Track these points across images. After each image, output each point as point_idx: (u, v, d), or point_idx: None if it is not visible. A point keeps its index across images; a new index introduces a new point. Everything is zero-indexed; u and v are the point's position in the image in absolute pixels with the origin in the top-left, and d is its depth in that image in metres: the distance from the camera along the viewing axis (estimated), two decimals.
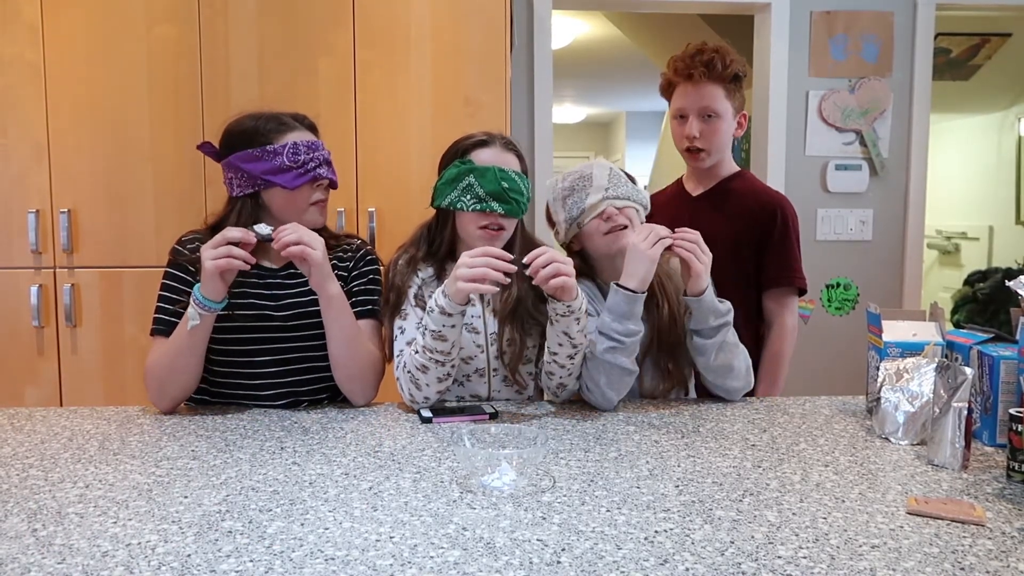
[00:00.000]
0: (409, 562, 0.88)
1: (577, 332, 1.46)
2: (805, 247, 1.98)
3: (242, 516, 1.01)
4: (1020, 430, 1.14)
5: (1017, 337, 1.30)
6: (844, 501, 1.07)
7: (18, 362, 2.42)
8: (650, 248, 1.50)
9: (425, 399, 1.51)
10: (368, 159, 2.46)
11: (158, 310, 1.56)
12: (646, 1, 3.30)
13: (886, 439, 1.36)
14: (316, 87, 2.42)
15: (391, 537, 0.95)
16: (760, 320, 1.91)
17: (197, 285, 1.45)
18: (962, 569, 0.87)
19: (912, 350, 1.45)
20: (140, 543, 0.93)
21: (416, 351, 1.48)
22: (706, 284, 1.54)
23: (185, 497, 1.08)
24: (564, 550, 0.91)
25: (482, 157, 1.55)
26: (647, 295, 1.52)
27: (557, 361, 1.50)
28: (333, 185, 1.63)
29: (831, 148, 3.17)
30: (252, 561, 0.88)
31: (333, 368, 1.56)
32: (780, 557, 0.89)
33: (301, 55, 2.42)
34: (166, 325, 1.53)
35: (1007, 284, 1.31)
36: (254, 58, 2.41)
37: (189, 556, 0.90)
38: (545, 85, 3.04)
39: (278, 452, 1.28)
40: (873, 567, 0.87)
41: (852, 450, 1.30)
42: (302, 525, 0.98)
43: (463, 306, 1.42)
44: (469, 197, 1.52)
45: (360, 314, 1.59)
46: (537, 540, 0.94)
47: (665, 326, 1.61)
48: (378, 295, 1.63)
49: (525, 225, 1.66)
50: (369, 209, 2.45)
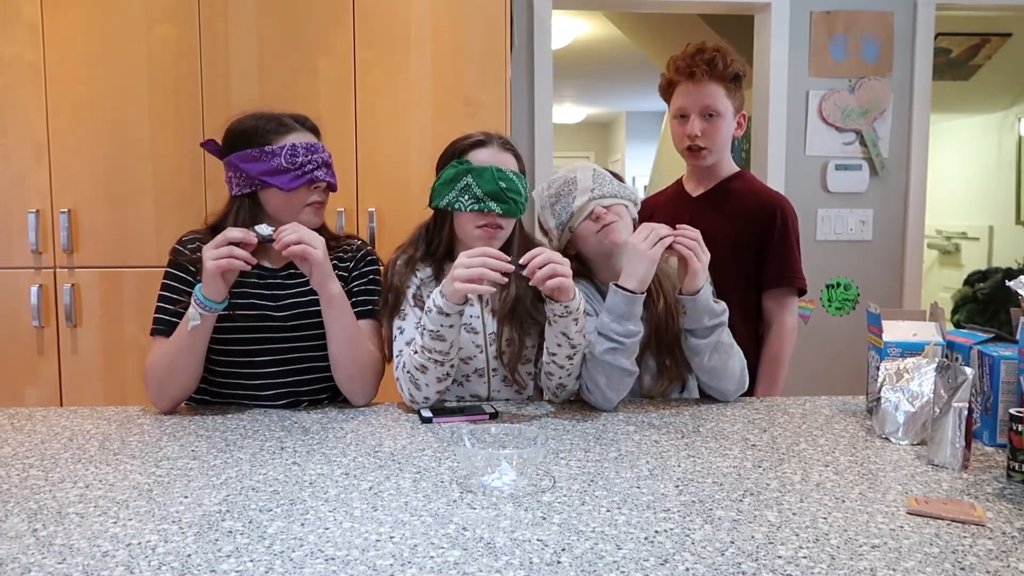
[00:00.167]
0: (409, 562, 0.88)
1: (576, 333, 1.46)
2: (805, 247, 1.98)
3: (242, 516, 1.01)
4: (1020, 430, 1.14)
5: (1017, 337, 1.30)
6: (844, 501, 1.07)
7: (18, 362, 2.42)
8: (650, 249, 1.49)
9: (425, 399, 1.51)
10: (368, 159, 2.46)
11: (158, 310, 1.56)
12: (646, 1, 3.30)
13: (886, 439, 1.36)
14: (316, 87, 2.42)
15: (391, 537, 0.95)
16: (760, 320, 1.91)
17: (198, 286, 1.45)
18: (962, 569, 0.87)
19: (912, 350, 1.45)
20: (140, 543, 0.93)
21: (415, 351, 1.48)
22: (702, 283, 1.53)
23: (185, 497, 1.08)
24: (564, 550, 0.91)
25: (479, 157, 1.55)
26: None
27: (556, 362, 1.50)
28: (332, 188, 1.62)
29: (831, 148, 3.17)
30: (252, 561, 0.88)
31: (333, 368, 1.56)
32: (780, 557, 0.89)
33: (301, 55, 2.42)
34: (166, 325, 1.53)
35: (1007, 284, 1.31)
36: (254, 58, 2.41)
37: (189, 556, 0.90)
38: (545, 85, 3.04)
39: (278, 452, 1.28)
40: (873, 567, 0.87)
41: (852, 450, 1.30)
42: (302, 525, 0.98)
43: (461, 306, 1.42)
44: (467, 197, 1.52)
45: (360, 314, 1.59)
46: (537, 540, 0.94)
47: (662, 322, 1.61)
48: (378, 295, 1.63)
49: (524, 225, 1.66)
50: (369, 209, 2.45)
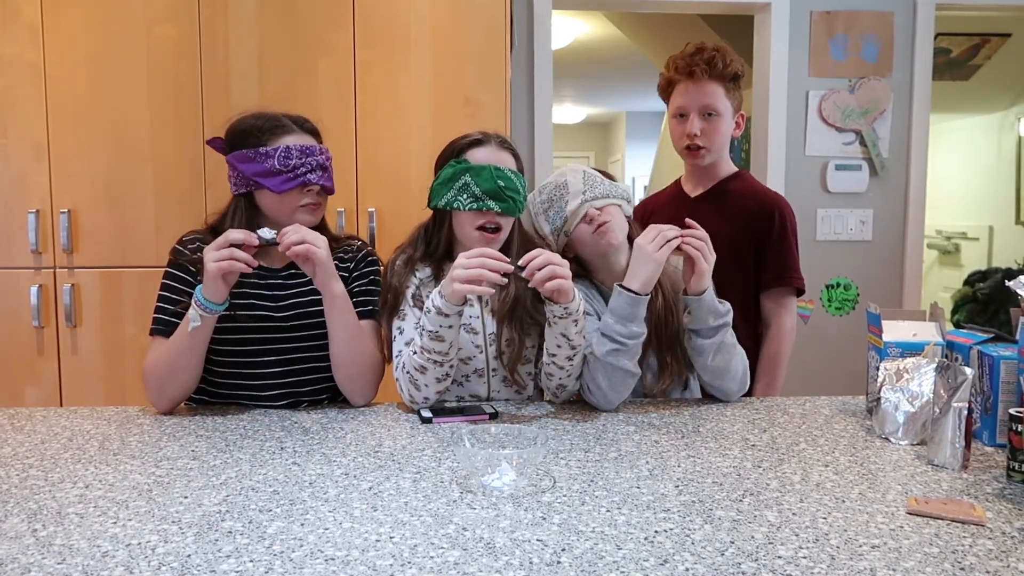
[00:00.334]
0: (409, 562, 0.88)
1: (575, 334, 1.46)
2: (805, 247, 1.98)
3: (242, 516, 1.01)
4: (1020, 430, 1.14)
5: (1017, 337, 1.30)
6: (844, 501, 1.07)
7: (18, 362, 2.42)
8: (657, 251, 1.49)
9: (424, 399, 1.51)
10: (368, 159, 2.46)
11: (158, 310, 1.55)
12: (646, 1, 3.30)
13: (886, 439, 1.36)
14: (316, 87, 2.42)
15: (391, 537, 0.95)
16: (758, 320, 1.91)
17: (199, 287, 1.45)
18: (962, 569, 0.87)
19: (912, 350, 1.45)
20: (140, 543, 0.93)
21: (414, 352, 1.48)
22: (708, 284, 1.54)
23: (185, 497, 1.08)
24: (564, 550, 0.91)
25: (477, 156, 1.55)
26: None
27: (556, 363, 1.50)
28: (327, 191, 1.61)
29: (831, 148, 3.17)
30: (252, 561, 0.88)
31: (334, 368, 1.56)
32: (780, 557, 0.89)
33: (301, 55, 2.42)
34: (166, 325, 1.53)
35: (1007, 284, 1.31)
36: (254, 58, 2.41)
37: (189, 556, 0.90)
38: (545, 85, 3.04)
39: (278, 452, 1.28)
40: (873, 567, 0.87)
41: (852, 450, 1.30)
42: (302, 525, 0.98)
43: (459, 307, 1.42)
44: (465, 196, 1.52)
45: (360, 315, 1.59)
46: (537, 540, 0.94)
47: (661, 318, 1.61)
48: (378, 296, 1.63)
49: (523, 224, 1.66)
50: (369, 209, 2.45)
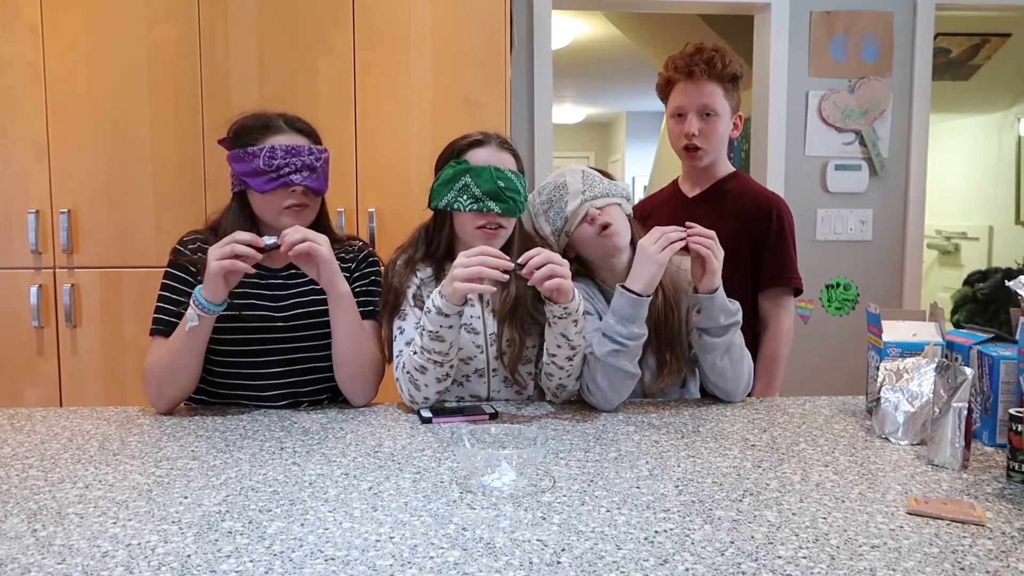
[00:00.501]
0: (409, 562, 0.88)
1: (575, 334, 1.46)
2: (805, 247, 1.99)
3: (242, 516, 1.01)
4: (1020, 430, 1.14)
5: (1017, 337, 1.30)
6: (844, 501, 1.07)
7: (18, 362, 2.42)
8: (659, 252, 1.48)
9: (424, 399, 1.51)
10: (368, 159, 2.46)
11: (158, 310, 1.55)
12: (646, 1, 3.30)
13: (886, 439, 1.36)
14: (316, 87, 2.42)
15: (391, 537, 0.95)
16: (756, 320, 1.91)
17: (198, 287, 1.45)
18: (962, 569, 0.87)
19: (912, 350, 1.45)
20: (140, 543, 0.93)
21: (414, 352, 1.48)
22: (719, 282, 1.54)
23: (185, 497, 1.08)
24: (564, 550, 0.91)
25: (478, 157, 1.55)
26: None
27: (556, 363, 1.50)
28: (316, 192, 1.58)
29: (831, 148, 3.17)
30: (252, 561, 0.88)
31: (336, 367, 1.56)
32: (780, 557, 0.89)
33: (301, 55, 2.42)
34: (166, 325, 1.53)
35: (1007, 284, 1.31)
36: (254, 58, 2.41)
37: (189, 556, 0.90)
38: (545, 85, 3.04)
39: (278, 452, 1.28)
40: (873, 567, 0.87)
41: (852, 450, 1.30)
42: (302, 525, 0.98)
43: (460, 307, 1.42)
44: (466, 197, 1.52)
45: (361, 315, 1.59)
46: (537, 540, 0.94)
47: (661, 316, 1.60)
48: (379, 296, 1.63)
49: (524, 225, 1.66)
50: (369, 209, 2.45)
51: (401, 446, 1.31)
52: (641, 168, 9.19)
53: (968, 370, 1.23)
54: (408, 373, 1.50)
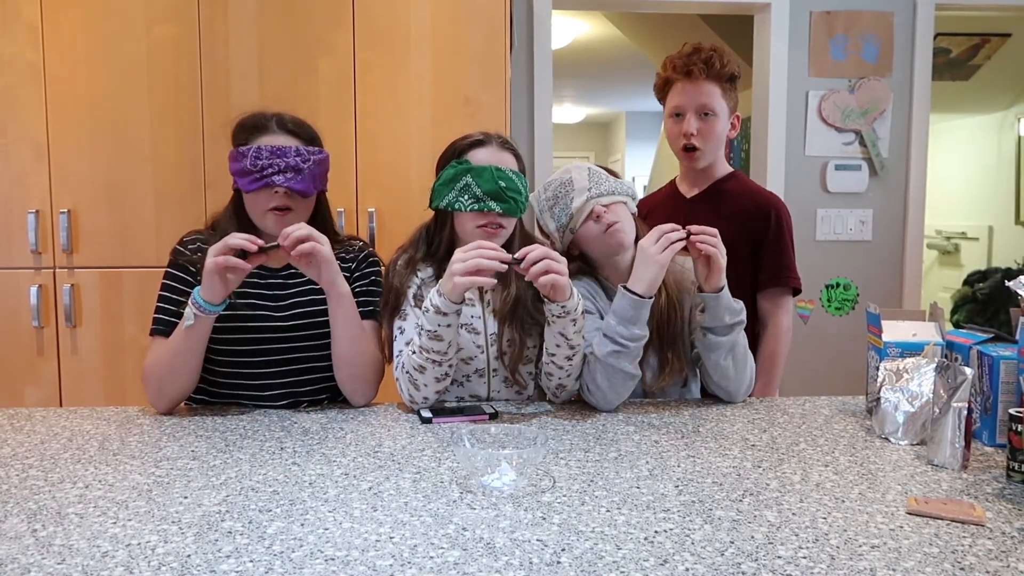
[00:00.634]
0: (409, 562, 0.88)
1: (574, 333, 1.46)
2: (805, 247, 1.99)
3: (242, 516, 1.01)
4: (1020, 430, 1.14)
5: (1017, 337, 1.30)
6: (844, 501, 1.07)
7: (18, 362, 2.42)
8: (660, 253, 1.48)
9: (424, 399, 1.51)
10: (368, 159, 2.46)
11: (158, 310, 1.55)
12: (646, 1, 3.30)
13: (886, 439, 1.36)
14: (316, 87, 2.42)
15: (391, 537, 0.95)
16: (756, 320, 1.91)
17: (197, 287, 1.45)
18: (962, 569, 0.87)
19: (912, 350, 1.45)
20: (140, 543, 0.93)
21: (414, 351, 1.48)
22: (724, 281, 1.53)
23: (185, 497, 1.08)
24: (564, 550, 0.91)
25: (479, 157, 1.55)
26: None
27: (555, 362, 1.50)
28: (301, 194, 1.55)
29: (831, 148, 3.17)
30: (252, 561, 0.88)
31: (336, 367, 1.56)
32: (780, 557, 0.90)
33: (301, 55, 2.42)
34: (165, 325, 1.53)
35: (1007, 284, 1.31)
36: (254, 58, 2.41)
37: (189, 556, 0.90)
38: (545, 85, 3.04)
39: (278, 452, 1.28)
40: (873, 567, 0.87)
41: (852, 450, 1.30)
42: (302, 525, 0.98)
43: (458, 305, 1.42)
44: (467, 197, 1.52)
45: (361, 315, 1.59)
46: (537, 540, 0.94)
47: (663, 316, 1.60)
48: (379, 296, 1.63)
49: (524, 224, 1.66)
50: (369, 209, 2.45)
51: (401, 446, 1.31)
52: (641, 168, 9.19)
53: (968, 370, 1.23)
54: (407, 373, 1.50)
